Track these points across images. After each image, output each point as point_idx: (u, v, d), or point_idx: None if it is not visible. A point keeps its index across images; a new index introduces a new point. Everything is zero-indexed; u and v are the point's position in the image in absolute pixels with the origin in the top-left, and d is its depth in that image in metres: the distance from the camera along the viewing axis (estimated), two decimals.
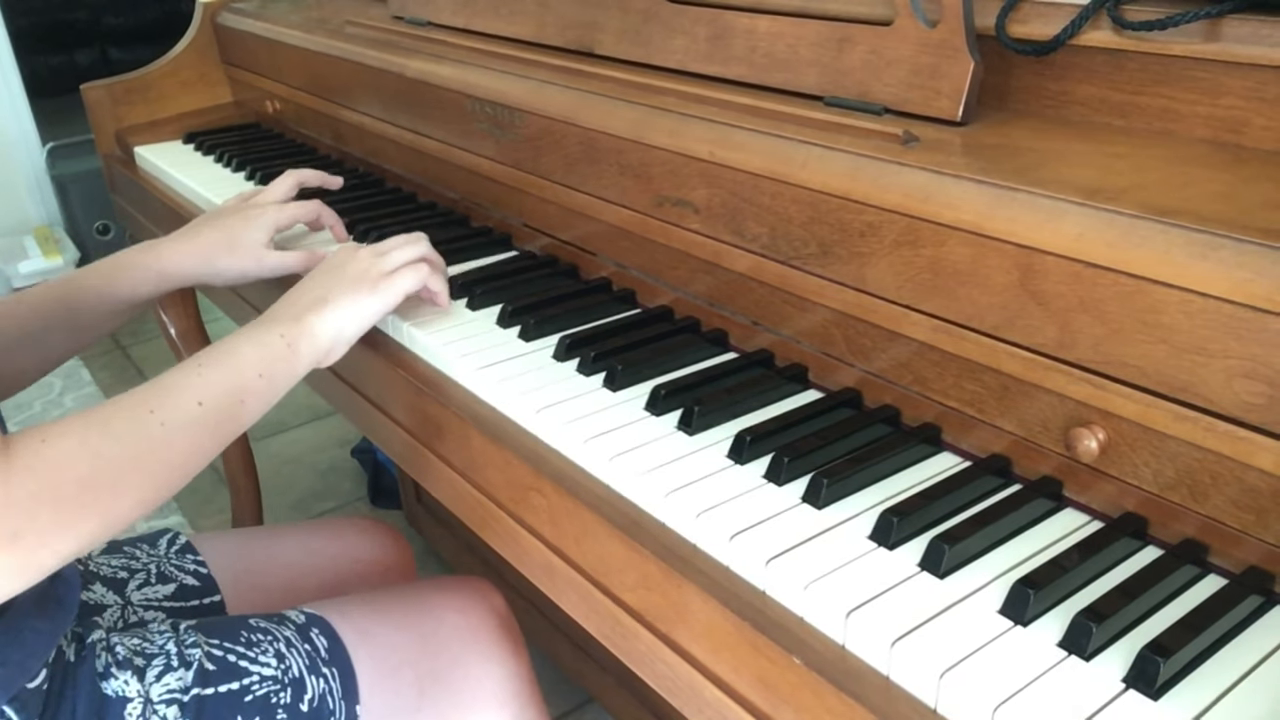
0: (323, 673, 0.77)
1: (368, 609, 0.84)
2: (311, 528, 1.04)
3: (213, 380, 0.69)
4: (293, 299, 0.80)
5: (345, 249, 0.86)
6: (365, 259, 0.83)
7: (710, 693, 0.58)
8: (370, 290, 0.81)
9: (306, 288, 0.81)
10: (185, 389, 0.68)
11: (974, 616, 0.53)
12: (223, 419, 0.69)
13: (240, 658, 0.76)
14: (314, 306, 0.78)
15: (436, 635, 0.84)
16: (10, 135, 3.06)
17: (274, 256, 0.97)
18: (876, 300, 0.67)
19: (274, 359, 0.74)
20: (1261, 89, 0.64)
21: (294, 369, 0.76)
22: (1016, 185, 0.60)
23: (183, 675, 0.73)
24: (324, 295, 0.79)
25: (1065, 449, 0.59)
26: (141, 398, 0.66)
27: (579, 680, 1.49)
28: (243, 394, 0.71)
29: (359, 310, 0.80)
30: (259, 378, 0.72)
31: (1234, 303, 0.50)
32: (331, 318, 0.78)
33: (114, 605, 0.87)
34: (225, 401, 0.69)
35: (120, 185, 1.52)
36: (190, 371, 0.69)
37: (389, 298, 0.82)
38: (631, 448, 0.68)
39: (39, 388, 2.48)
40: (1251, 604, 0.52)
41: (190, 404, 0.67)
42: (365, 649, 0.80)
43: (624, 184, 0.86)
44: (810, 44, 0.79)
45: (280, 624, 0.80)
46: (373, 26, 1.26)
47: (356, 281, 0.81)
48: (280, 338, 0.75)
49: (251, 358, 0.73)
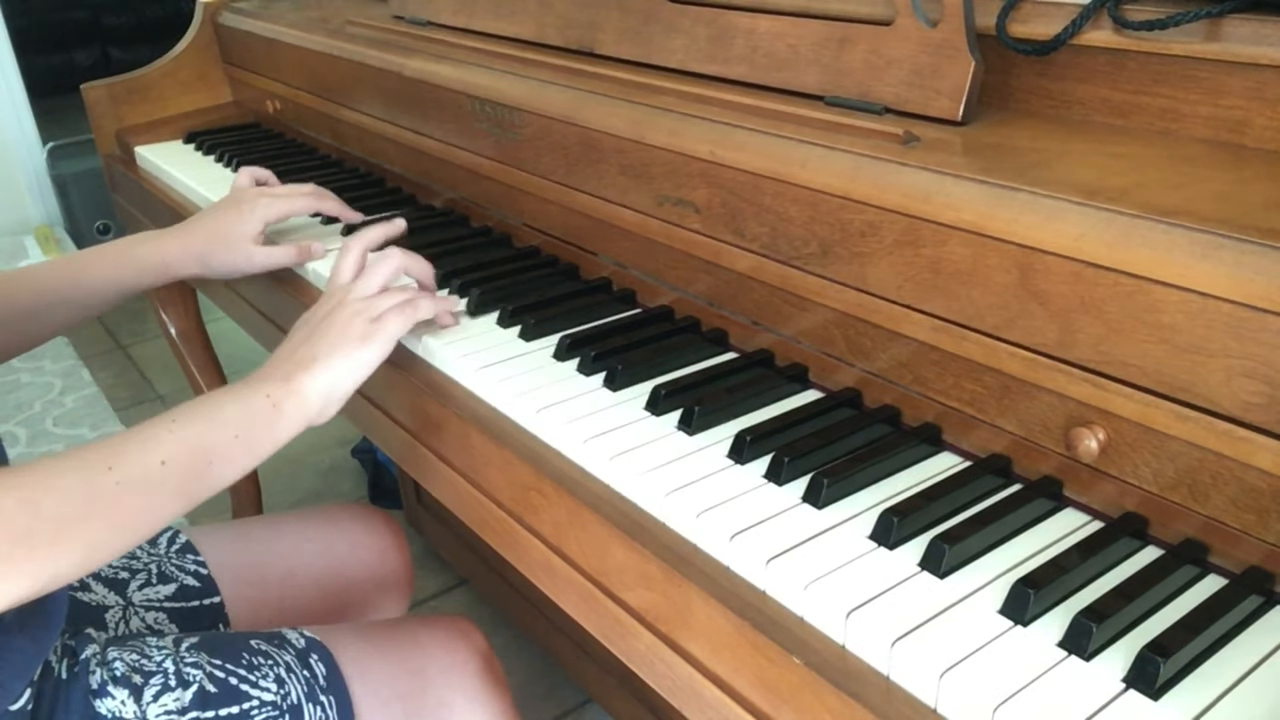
0: (320, 701, 0.77)
1: (363, 640, 0.84)
2: (307, 516, 1.04)
3: (183, 438, 0.66)
4: (284, 354, 0.76)
5: (329, 292, 0.82)
6: (351, 305, 0.79)
7: (710, 693, 0.58)
8: (360, 342, 0.76)
9: (296, 342, 0.77)
10: (151, 446, 0.65)
11: (974, 616, 0.53)
12: (186, 480, 0.66)
13: (241, 680, 0.75)
14: (305, 364, 0.74)
15: (425, 672, 0.83)
16: (11, 135, 3.06)
17: (262, 253, 0.97)
18: (877, 300, 0.67)
19: (254, 420, 0.70)
20: (1262, 89, 0.64)
21: (276, 432, 0.72)
22: (1017, 185, 0.60)
23: (180, 696, 0.72)
24: (313, 351, 0.75)
25: (1065, 449, 0.59)
26: (103, 451, 0.63)
27: (579, 680, 1.49)
28: (212, 455, 0.67)
29: (350, 365, 0.76)
30: (234, 439, 0.69)
31: (1234, 302, 0.50)
32: (323, 376, 0.74)
33: (115, 606, 0.87)
34: (191, 461, 0.66)
35: (121, 185, 1.52)
36: (162, 426, 0.66)
37: (382, 347, 0.78)
38: (632, 447, 0.68)
39: (39, 388, 2.49)
40: (1252, 604, 0.52)
41: (152, 462, 0.64)
42: (361, 680, 0.80)
43: (624, 184, 0.86)
44: (811, 44, 0.79)
45: (281, 647, 0.79)
46: (373, 26, 1.26)
47: (343, 333, 0.77)
48: (266, 398, 0.72)
49: (231, 417, 0.70)
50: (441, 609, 1.72)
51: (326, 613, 1.00)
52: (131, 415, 2.37)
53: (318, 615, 0.99)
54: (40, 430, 2.30)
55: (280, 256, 0.99)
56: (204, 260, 0.96)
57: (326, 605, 1.00)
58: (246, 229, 0.97)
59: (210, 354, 1.61)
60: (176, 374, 2.39)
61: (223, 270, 0.97)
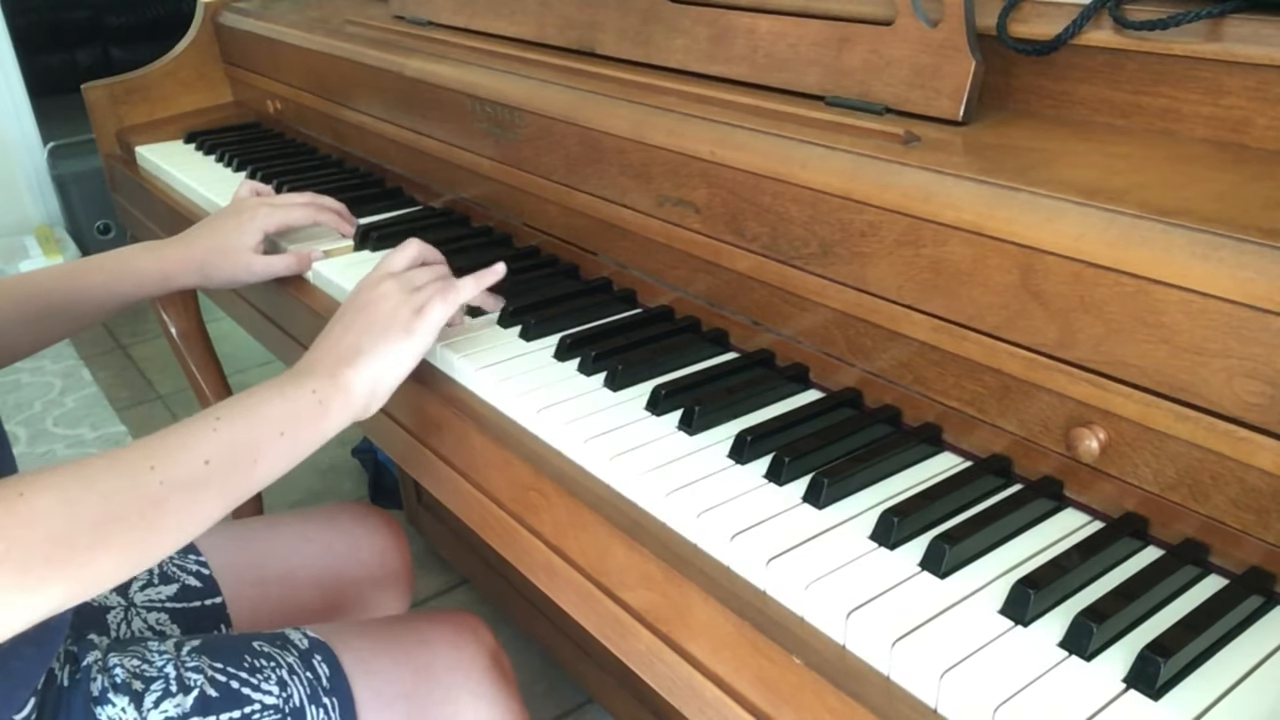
0: (323, 702, 0.77)
1: (367, 639, 0.83)
2: (307, 515, 1.04)
3: (227, 437, 0.64)
4: (326, 346, 0.74)
5: (369, 280, 0.80)
6: (394, 295, 0.77)
7: (710, 693, 0.58)
8: (405, 333, 0.75)
9: (338, 333, 0.75)
10: (194, 445, 0.63)
11: (974, 616, 0.53)
12: (230, 479, 0.64)
13: (243, 684, 0.75)
14: (348, 358, 0.72)
15: (430, 669, 0.83)
16: (11, 135, 3.06)
17: (261, 263, 0.97)
18: (877, 300, 0.67)
19: (301, 416, 0.68)
20: (1263, 89, 0.64)
21: (322, 428, 0.70)
22: (1017, 185, 0.60)
23: (181, 701, 0.72)
24: (357, 344, 0.73)
25: (1066, 449, 0.59)
26: (146, 450, 0.61)
27: (579, 680, 1.49)
28: (257, 453, 0.65)
29: (397, 358, 0.74)
30: (280, 436, 0.67)
31: (1235, 302, 0.50)
32: (367, 370, 0.72)
33: (117, 607, 0.87)
34: (235, 460, 0.64)
35: (121, 185, 1.52)
36: (205, 424, 0.64)
37: (426, 338, 0.76)
38: (632, 447, 0.68)
39: (39, 388, 2.49)
40: (1252, 604, 0.52)
41: (196, 461, 0.62)
42: (364, 680, 0.79)
43: (625, 184, 0.86)
44: (811, 44, 0.79)
45: (284, 648, 0.79)
46: (373, 26, 1.26)
47: (388, 325, 0.75)
48: (312, 394, 0.69)
49: (276, 414, 0.67)
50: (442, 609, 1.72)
51: (327, 612, 1.00)
52: (131, 415, 2.37)
53: (318, 615, 0.99)
54: (40, 430, 2.30)
55: (279, 266, 0.99)
56: (203, 271, 0.96)
57: (327, 604, 1.00)
58: (245, 240, 0.97)
59: (211, 354, 1.61)
60: (177, 374, 2.39)
61: (221, 280, 0.97)
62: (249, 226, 0.97)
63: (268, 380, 0.70)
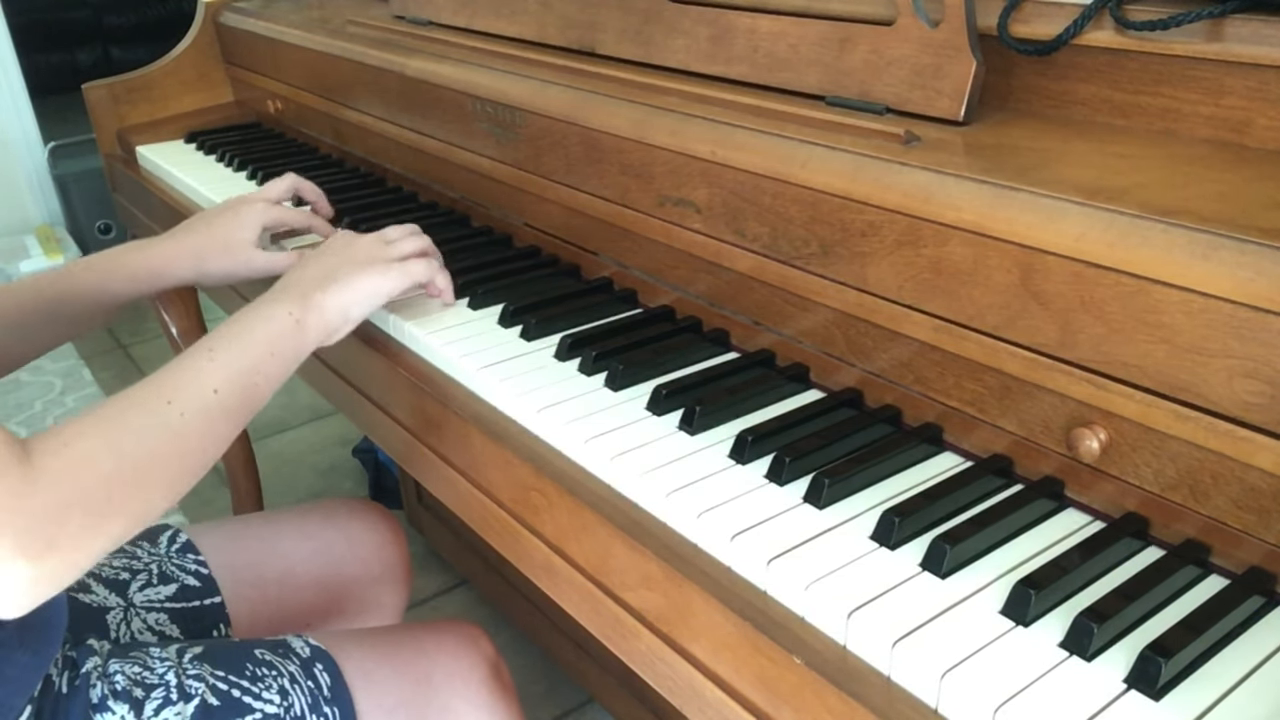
0: (324, 711, 0.76)
1: (368, 648, 0.83)
2: (305, 512, 1.04)
3: (226, 363, 0.69)
4: (296, 277, 0.79)
5: (346, 234, 0.86)
6: (372, 243, 0.84)
7: (711, 693, 0.58)
8: (381, 272, 0.81)
9: (310, 266, 0.81)
10: (200, 376, 0.68)
11: (975, 617, 0.53)
12: (239, 402, 0.69)
13: (244, 693, 0.75)
14: (321, 284, 0.78)
15: (430, 680, 0.83)
16: (12, 134, 3.06)
17: (262, 258, 0.97)
18: (878, 300, 0.67)
19: (283, 335, 0.74)
20: (1264, 89, 0.64)
21: (301, 346, 0.76)
22: (1018, 185, 0.60)
23: (182, 709, 0.72)
24: (331, 273, 0.79)
25: (1066, 449, 0.59)
26: (156, 389, 0.66)
27: (579, 680, 1.49)
28: (255, 374, 0.71)
29: (368, 290, 0.80)
30: (270, 355, 0.72)
31: (1235, 302, 0.50)
32: (340, 296, 0.78)
33: (116, 608, 0.87)
34: (241, 383, 0.70)
35: (122, 184, 1.52)
36: (202, 357, 0.69)
37: (400, 281, 0.82)
38: (633, 447, 0.68)
39: (39, 388, 2.49)
40: (1253, 604, 0.52)
41: (206, 391, 0.67)
42: (365, 689, 0.79)
43: (625, 184, 0.86)
44: (812, 44, 0.79)
45: (285, 657, 0.79)
46: (374, 26, 1.26)
47: (367, 262, 0.81)
48: (289, 314, 0.75)
49: (262, 336, 0.73)
50: (441, 609, 1.73)
51: (326, 608, 1.00)
52: None
53: (317, 612, 0.99)
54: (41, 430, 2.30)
55: (280, 262, 0.98)
56: (199, 264, 0.95)
57: (326, 601, 1.00)
58: (245, 234, 0.96)
59: None
60: None
61: (219, 274, 0.96)
62: (248, 220, 0.97)
63: (242, 308, 0.76)
